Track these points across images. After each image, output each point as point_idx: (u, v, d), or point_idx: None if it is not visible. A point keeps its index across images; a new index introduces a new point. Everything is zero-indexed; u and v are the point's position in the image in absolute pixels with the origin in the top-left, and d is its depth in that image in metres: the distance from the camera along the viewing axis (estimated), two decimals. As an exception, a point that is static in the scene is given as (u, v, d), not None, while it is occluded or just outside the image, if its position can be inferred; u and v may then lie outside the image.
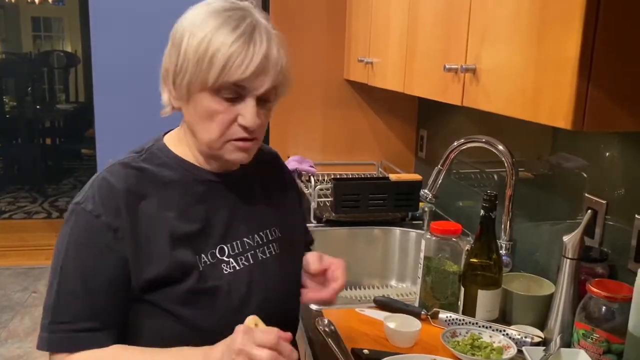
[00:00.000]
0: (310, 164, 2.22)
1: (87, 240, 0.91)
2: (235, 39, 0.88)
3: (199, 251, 0.96)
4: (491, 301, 1.25)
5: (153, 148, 1.01)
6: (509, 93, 1.02)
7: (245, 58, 0.88)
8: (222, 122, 0.92)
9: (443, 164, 1.48)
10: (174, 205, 0.96)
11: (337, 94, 2.39)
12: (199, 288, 0.93)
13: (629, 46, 0.83)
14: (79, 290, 0.90)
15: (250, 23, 0.91)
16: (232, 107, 0.92)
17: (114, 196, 0.92)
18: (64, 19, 8.45)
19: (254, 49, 0.89)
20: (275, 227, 1.09)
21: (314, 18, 2.32)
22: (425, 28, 1.43)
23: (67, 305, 0.90)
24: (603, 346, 1.04)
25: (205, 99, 0.91)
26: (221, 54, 0.87)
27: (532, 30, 0.94)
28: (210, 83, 0.89)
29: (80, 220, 0.92)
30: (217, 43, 0.88)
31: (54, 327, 0.90)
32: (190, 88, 0.92)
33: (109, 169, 0.96)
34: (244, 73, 0.88)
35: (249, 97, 0.92)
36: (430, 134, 2.32)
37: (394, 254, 1.93)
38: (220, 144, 0.95)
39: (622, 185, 1.19)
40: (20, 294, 3.67)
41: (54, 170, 6.50)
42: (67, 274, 0.91)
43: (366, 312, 1.33)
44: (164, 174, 0.97)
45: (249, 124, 0.92)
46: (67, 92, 7.96)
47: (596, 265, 1.18)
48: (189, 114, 0.96)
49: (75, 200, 0.94)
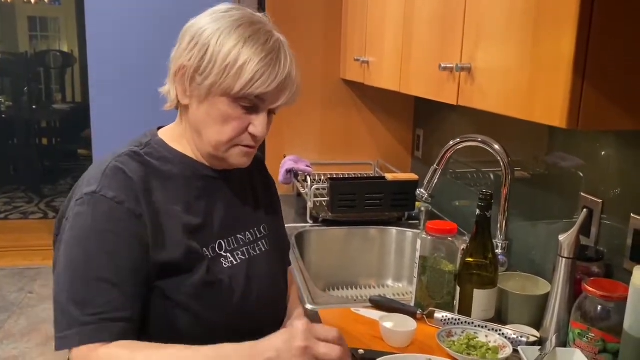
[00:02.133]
0: (306, 164, 2.22)
1: (113, 227, 0.89)
2: (265, 55, 0.93)
3: (204, 244, 0.98)
4: (487, 301, 1.25)
5: (152, 143, 1.02)
6: (504, 92, 1.02)
7: (272, 74, 0.93)
8: (235, 128, 0.97)
9: (439, 163, 1.48)
10: (179, 199, 0.98)
11: (333, 94, 2.39)
12: (207, 280, 0.95)
13: (624, 45, 0.83)
14: (112, 278, 0.87)
15: (277, 40, 0.97)
16: (246, 115, 0.96)
17: (131, 184, 0.93)
18: (61, 18, 8.42)
19: (279, 67, 0.94)
20: (264, 225, 1.12)
21: (310, 17, 2.31)
22: (421, 27, 1.43)
23: (100, 295, 0.86)
24: (599, 345, 1.04)
25: (224, 104, 0.95)
26: (251, 67, 0.91)
27: (527, 29, 0.94)
28: (234, 91, 0.92)
29: (101, 207, 0.90)
30: (247, 54, 0.92)
31: (87, 318, 0.84)
32: (211, 90, 0.94)
33: (119, 159, 0.96)
34: (268, 88, 0.93)
35: (262, 109, 0.97)
36: (427, 133, 2.31)
37: (390, 253, 1.93)
38: (227, 147, 0.98)
39: (617, 185, 1.19)
40: (16, 294, 3.66)
41: (50, 170, 6.47)
42: (96, 262, 0.87)
43: (362, 311, 1.33)
44: (165, 168, 0.99)
45: (260, 134, 0.97)
46: (64, 92, 7.93)
47: (592, 265, 1.18)
48: (199, 113, 0.97)
49: (86, 190, 0.91)
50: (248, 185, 1.13)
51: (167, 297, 0.93)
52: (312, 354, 0.78)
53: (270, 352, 0.79)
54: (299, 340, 0.78)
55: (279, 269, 1.14)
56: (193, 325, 0.94)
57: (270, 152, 2.37)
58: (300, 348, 0.78)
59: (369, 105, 2.42)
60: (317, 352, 0.78)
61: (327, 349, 0.79)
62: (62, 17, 8.41)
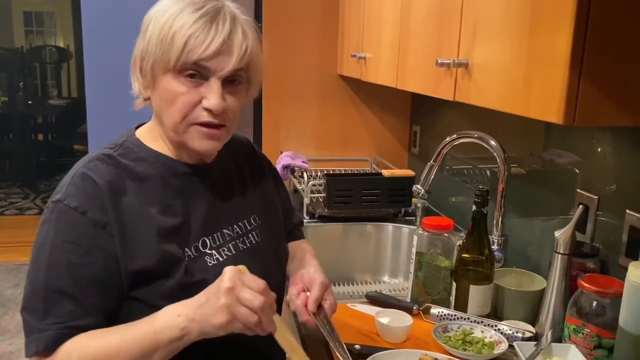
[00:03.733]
0: (303, 160, 2.21)
1: (74, 238, 0.88)
2: (197, 19, 0.89)
3: (183, 245, 0.95)
4: (483, 296, 1.25)
5: (127, 143, 0.99)
6: (500, 88, 1.02)
7: (207, 37, 0.88)
8: (185, 103, 0.91)
9: (435, 159, 1.48)
10: (154, 201, 0.95)
11: (330, 90, 2.38)
12: (186, 282, 0.92)
13: (621, 41, 0.83)
14: (70, 290, 0.87)
15: (215, 6, 0.92)
16: (196, 89, 0.91)
17: (97, 192, 0.90)
18: (56, 13, 8.37)
19: (216, 29, 0.89)
20: (254, 215, 1.09)
21: (307, 13, 2.31)
22: (418, 23, 1.43)
23: (58, 305, 0.86)
24: (594, 341, 1.04)
25: (169, 81, 0.91)
26: (182, 33, 0.88)
27: (523, 25, 0.94)
28: (172, 63, 0.89)
29: (64, 217, 0.89)
30: (179, 23, 0.89)
31: (44, 327, 0.86)
32: (154, 71, 0.92)
33: (87, 165, 0.94)
34: (204, 52, 0.88)
35: (213, 78, 0.91)
36: (424, 130, 2.31)
37: (386, 249, 1.93)
38: (184, 127, 0.93)
39: (613, 181, 1.19)
40: (11, 290, 3.65)
41: (46, 166, 6.45)
42: (56, 273, 0.87)
43: (358, 307, 1.33)
44: (140, 169, 0.96)
45: (213, 106, 0.90)
46: (59, 87, 7.90)
47: (587, 261, 1.19)
48: (155, 100, 0.95)
49: (54, 197, 0.91)
50: (235, 176, 1.10)
51: (145, 302, 0.91)
52: (235, 296, 0.81)
53: (202, 298, 0.84)
54: (226, 281, 0.81)
55: (273, 260, 1.11)
56: None
57: (267, 148, 2.36)
58: (226, 288, 0.81)
59: (365, 101, 2.42)
60: (241, 296, 0.81)
61: (251, 295, 0.81)
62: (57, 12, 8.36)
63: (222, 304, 0.81)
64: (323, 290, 1.02)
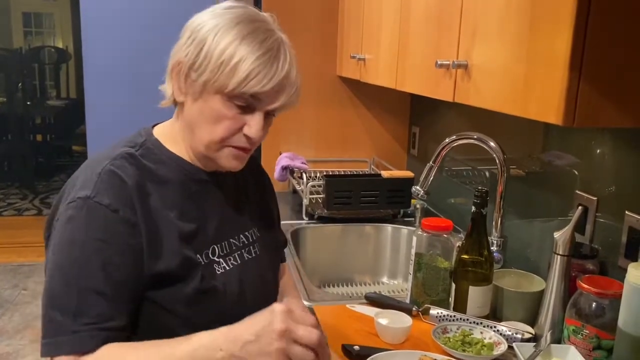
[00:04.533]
0: (302, 161, 2.21)
1: (107, 237, 0.87)
2: (262, 53, 0.89)
3: (198, 251, 0.95)
4: (482, 297, 1.25)
5: (147, 143, 0.99)
6: (500, 89, 1.02)
7: (268, 73, 0.90)
8: (228, 128, 0.93)
9: (435, 160, 1.48)
10: (174, 205, 0.95)
11: (329, 91, 2.38)
12: (201, 288, 0.93)
13: (621, 42, 0.83)
14: (104, 289, 0.85)
15: (277, 39, 0.93)
16: (241, 116, 0.93)
17: (126, 190, 0.90)
18: (55, 14, 8.37)
19: (277, 66, 0.91)
20: (254, 228, 1.10)
21: (307, 14, 2.31)
22: (417, 24, 1.43)
23: (92, 306, 0.84)
24: (593, 342, 1.04)
25: (217, 102, 0.92)
26: (246, 64, 0.88)
27: (523, 26, 0.94)
28: (228, 89, 0.89)
29: (95, 214, 0.87)
30: (244, 52, 0.89)
31: (78, 327, 0.84)
32: (205, 87, 0.91)
33: (115, 163, 0.92)
34: (263, 87, 0.90)
35: (258, 110, 0.93)
36: (423, 131, 2.32)
37: (385, 250, 1.93)
38: (218, 147, 0.95)
39: (612, 182, 1.19)
40: (9, 291, 3.65)
41: (44, 167, 6.45)
42: (89, 271, 0.85)
43: (357, 308, 1.33)
44: (161, 172, 0.96)
45: (254, 135, 0.93)
46: (58, 88, 7.89)
47: (587, 262, 1.19)
48: (193, 111, 0.95)
49: (81, 193, 0.88)
50: (242, 187, 1.11)
51: (160, 306, 0.91)
52: (291, 337, 0.77)
53: (249, 336, 0.79)
54: (278, 323, 0.77)
55: (271, 273, 1.12)
56: (187, 332, 0.89)
57: (266, 149, 2.36)
58: (279, 331, 0.77)
59: (365, 102, 2.42)
60: (296, 335, 0.77)
61: (306, 331, 0.78)
62: (57, 13, 8.36)
63: (277, 349, 0.77)
64: None
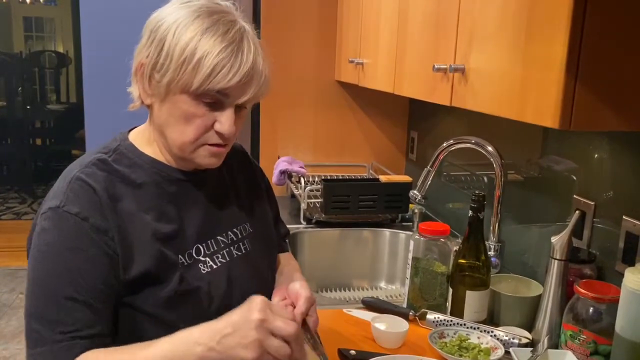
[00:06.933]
0: (300, 165, 2.21)
1: (79, 244, 0.86)
2: (225, 46, 0.87)
3: (178, 252, 0.94)
4: (479, 302, 1.24)
5: (121, 148, 0.98)
6: (497, 92, 1.02)
7: (233, 67, 0.87)
8: (199, 127, 0.91)
9: (432, 164, 1.48)
10: (150, 207, 0.94)
11: (327, 95, 2.39)
12: (181, 290, 0.92)
13: (617, 45, 0.83)
14: (80, 296, 0.85)
15: (239, 30, 0.90)
16: (211, 113, 0.91)
17: (95, 197, 0.89)
18: (56, 19, 8.39)
19: (242, 59, 0.88)
20: (245, 224, 1.08)
21: (305, 19, 2.31)
22: (415, 29, 1.43)
23: (70, 314, 0.84)
24: (590, 347, 1.04)
25: (185, 102, 0.89)
26: (209, 61, 0.86)
27: (520, 30, 0.94)
28: (193, 87, 0.87)
29: (66, 224, 0.87)
30: (205, 47, 0.86)
31: (58, 336, 0.83)
32: (170, 88, 0.89)
33: (84, 171, 0.92)
34: (229, 82, 0.87)
35: (228, 106, 0.91)
36: (421, 136, 2.32)
37: (383, 255, 1.92)
38: (193, 147, 0.93)
39: (610, 187, 1.19)
40: (7, 295, 3.64)
41: (43, 171, 6.43)
42: (64, 281, 0.85)
43: (354, 312, 1.32)
44: (135, 176, 0.95)
45: (226, 131, 0.91)
46: (58, 92, 7.89)
47: (584, 267, 1.18)
48: (161, 113, 0.93)
49: (51, 204, 0.88)
50: (228, 183, 1.09)
51: (138, 310, 0.90)
52: (267, 327, 0.78)
53: (227, 328, 0.79)
54: (255, 313, 0.78)
55: (265, 268, 1.10)
56: (166, 335, 0.88)
57: (264, 153, 2.36)
58: (256, 320, 0.77)
59: (363, 107, 2.42)
60: (273, 325, 0.78)
61: (283, 323, 0.78)
62: (57, 18, 8.39)
63: (254, 340, 0.77)
64: (309, 306, 0.97)
